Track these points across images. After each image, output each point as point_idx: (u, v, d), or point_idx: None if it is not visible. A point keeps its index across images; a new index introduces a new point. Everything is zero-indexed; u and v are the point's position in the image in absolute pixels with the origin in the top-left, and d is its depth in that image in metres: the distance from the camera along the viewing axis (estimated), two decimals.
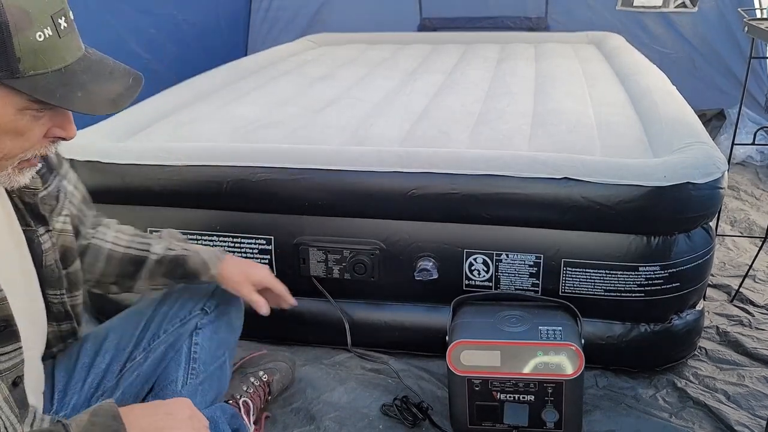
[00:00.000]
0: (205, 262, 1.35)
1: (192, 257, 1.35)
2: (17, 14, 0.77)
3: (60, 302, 1.15)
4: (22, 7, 0.77)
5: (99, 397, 1.24)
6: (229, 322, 1.41)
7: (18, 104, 0.82)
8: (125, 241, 1.32)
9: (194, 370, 1.32)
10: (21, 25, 0.77)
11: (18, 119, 0.83)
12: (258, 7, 4.20)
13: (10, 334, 0.99)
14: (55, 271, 1.11)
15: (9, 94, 0.80)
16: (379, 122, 2.00)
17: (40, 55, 0.80)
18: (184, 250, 1.36)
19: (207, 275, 1.36)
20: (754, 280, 2.08)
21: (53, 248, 1.10)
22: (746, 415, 1.47)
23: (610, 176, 1.47)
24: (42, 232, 1.08)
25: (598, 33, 3.54)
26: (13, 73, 0.78)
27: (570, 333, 1.37)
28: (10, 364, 1.00)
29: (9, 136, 0.84)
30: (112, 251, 1.30)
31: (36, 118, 0.85)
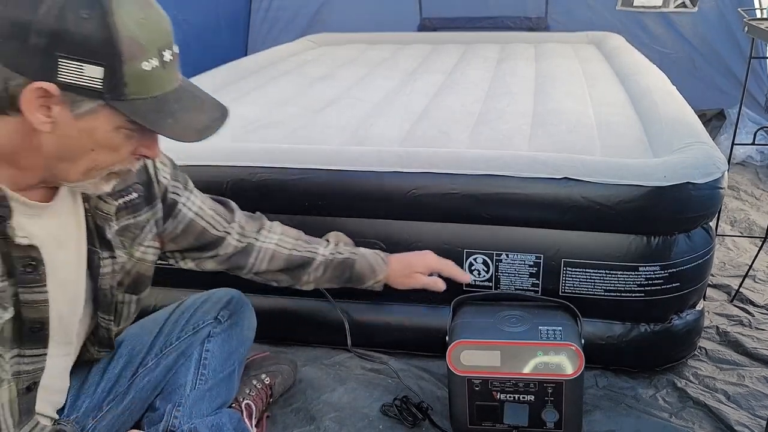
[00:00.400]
0: (372, 267, 1.44)
1: (359, 261, 1.42)
2: (131, 45, 0.85)
3: (107, 328, 1.18)
4: (136, 39, 0.85)
5: (110, 402, 1.26)
6: (240, 333, 1.43)
7: (116, 123, 0.89)
8: (290, 244, 1.39)
9: (203, 376, 1.33)
10: (133, 54, 0.85)
11: (113, 136, 0.91)
12: (258, 7, 4.21)
13: (41, 338, 1.02)
14: (108, 296, 1.14)
15: (111, 113, 0.88)
16: (379, 122, 2.00)
17: (144, 82, 0.87)
18: (352, 253, 1.43)
19: (373, 280, 1.45)
20: (754, 280, 2.08)
21: (113, 275, 1.13)
22: (746, 415, 1.47)
23: (610, 176, 1.47)
24: (105, 255, 1.11)
25: (598, 33, 3.54)
26: (118, 95, 0.86)
27: (570, 333, 1.37)
28: (32, 368, 1.02)
29: (104, 150, 0.92)
30: (276, 252, 1.38)
31: (128, 136, 0.92)
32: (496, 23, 3.94)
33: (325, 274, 1.41)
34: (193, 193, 1.29)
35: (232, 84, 2.63)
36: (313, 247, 1.40)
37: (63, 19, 0.81)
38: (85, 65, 0.83)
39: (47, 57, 0.82)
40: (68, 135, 0.88)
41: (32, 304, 0.97)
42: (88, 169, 0.94)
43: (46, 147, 0.89)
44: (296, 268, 1.39)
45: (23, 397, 1.01)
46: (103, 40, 0.83)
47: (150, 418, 1.30)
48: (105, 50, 0.83)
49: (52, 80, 0.83)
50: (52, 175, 0.94)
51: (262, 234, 1.38)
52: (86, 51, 0.82)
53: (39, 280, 0.97)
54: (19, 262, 0.94)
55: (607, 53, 3.08)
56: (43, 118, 0.85)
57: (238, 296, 1.47)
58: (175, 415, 1.27)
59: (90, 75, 0.84)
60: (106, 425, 1.24)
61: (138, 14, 0.86)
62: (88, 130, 0.88)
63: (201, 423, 1.27)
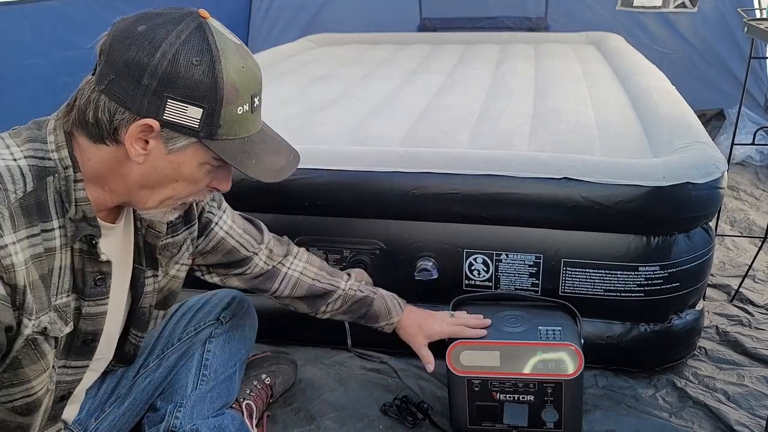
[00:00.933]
0: (388, 309, 1.45)
1: (378, 301, 1.44)
2: (231, 90, 0.92)
3: (135, 345, 1.21)
4: (236, 85, 0.92)
5: (112, 403, 1.27)
6: (242, 334, 1.44)
7: (202, 159, 0.96)
8: (313, 274, 1.42)
9: (204, 377, 1.34)
10: (231, 99, 0.92)
11: (197, 170, 0.97)
12: (258, 7, 4.21)
13: (89, 350, 1.05)
14: (145, 314, 1.17)
15: (200, 149, 0.94)
16: (379, 122, 2.00)
17: (235, 125, 0.94)
18: (372, 292, 1.45)
19: (386, 321, 1.46)
20: (754, 280, 2.08)
21: (153, 293, 1.16)
22: (746, 415, 1.47)
23: (609, 176, 1.47)
24: (149, 274, 1.14)
25: (597, 33, 3.55)
26: (211, 135, 0.93)
27: (569, 333, 1.37)
28: (71, 379, 1.05)
29: (186, 182, 0.98)
30: (300, 281, 1.40)
31: (209, 172, 0.99)
32: (496, 23, 3.95)
33: (342, 307, 1.43)
34: (226, 212, 1.31)
35: None
36: (335, 280, 1.42)
37: (176, 63, 0.88)
38: (189, 106, 0.90)
39: (156, 97, 0.88)
40: (157, 167, 0.94)
41: (92, 317, 1.01)
42: (166, 198, 0.99)
43: (133, 175, 0.95)
44: (316, 298, 1.41)
45: (56, 406, 1.05)
46: (209, 86, 0.90)
47: (151, 418, 1.31)
48: (209, 94, 0.90)
49: (156, 118, 0.89)
50: (130, 200, 0.99)
51: (288, 260, 1.40)
52: (193, 94, 0.89)
53: (105, 293, 1.01)
54: (91, 276, 0.98)
55: (606, 53, 3.08)
56: (140, 150, 0.91)
57: (239, 297, 1.47)
58: (177, 415, 1.28)
59: (191, 115, 0.90)
60: (107, 426, 1.25)
61: (239, 63, 0.93)
62: (176, 163, 0.94)
63: (203, 424, 1.27)
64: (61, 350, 1.00)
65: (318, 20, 4.14)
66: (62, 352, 1.00)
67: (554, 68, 2.75)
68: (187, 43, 0.89)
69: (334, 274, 1.44)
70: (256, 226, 1.39)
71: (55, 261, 0.92)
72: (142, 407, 1.31)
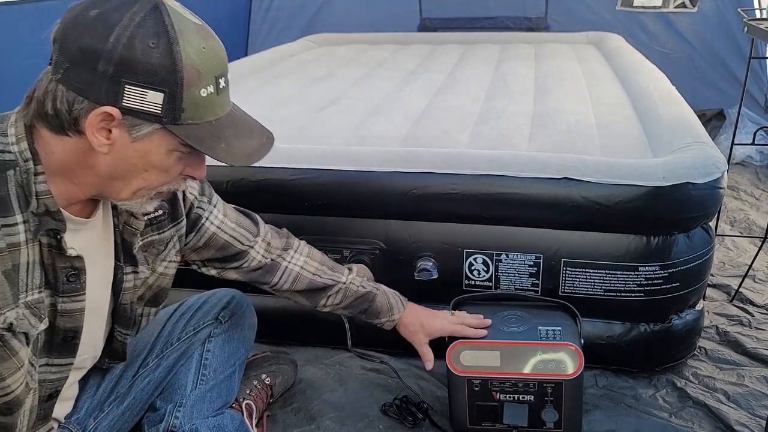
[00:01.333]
0: (390, 306, 1.44)
1: (380, 297, 1.43)
2: (192, 72, 0.89)
3: (122, 342, 1.19)
4: (197, 66, 0.89)
5: (111, 402, 1.26)
6: (241, 334, 1.44)
7: (170, 146, 0.93)
8: (313, 268, 1.40)
9: (204, 377, 1.34)
10: (192, 81, 0.89)
11: (166, 158, 0.94)
12: (258, 8, 4.21)
13: (71, 348, 1.04)
14: (128, 311, 1.15)
15: (166, 136, 0.91)
16: (379, 122, 2.00)
17: (200, 108, 0.91)
18: (375, 288, 1.44)
19: (388, 318, 1.45)
20: (754, 280, 2.08)
21: (134, 290, 1.14)
22: (746, 415, 1.47)
23: (609, 176, 1.47)
24: (128, 271, 1.12)
25: (597, 33, 3.54)
26: (175, 120, 0.90)
27: (569, 333, 1.37)
28: (56, 377, 1.04)
29: (156, 171, 0.95)
30: (300, 275, 1.39)
31: (179, 159, 0.96)
32: (496, 23, 3.95)
33: (343, 302, 1.42)
34: (217, 206, 1.29)
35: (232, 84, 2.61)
36: (336, 275, 1.41)
37: (132, 47, 0.85)
38: (149, 91, 0.87)
39: (114, 83, 0.86)
40: (123, 156, 0.91)
41: (69, 313, 0.99)
42: (139, 188, 0.96)
43: (101, 166, 0.92)
44: (316, 292, 1.41)
45: (43, 404, 1.04)
46: (167, 68, 0.87)
47: (151, 418, 1.31)
48: (168, 77, 0.87)
49: (116, 105, 0.86)
50: (103, 191, 0.97)
51: (289, 254, 1.39)
52: (151, 78, 0.86)
53: (79, 289, 0.99)
54: (63, 272, 0.96)
55: (606, 53, 3.08)
56: (103, 140, 0.89)
57: (239, 296, 1.47)
58: (176, 415, 1.28)
59: (152, 100, 0.88)
60: (107, 425, 1.25)
61: (199, 44, 0.90)
62: (143, 152, 0.92)
63: (203, 424, 1.27)
64: (42, 348, 0.99)
65: (318, 20, 4.15)
66: (43, 350, 0.99)
67: (554, 68, 2.75)
68: (143, 26, 0.86)
69: (335, 269, 1.43)
70: (252, 218, 1.37)
71: (21, 256, 0.90)
72: (141, 407, 1.31)
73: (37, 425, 1.04)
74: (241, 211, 1.37)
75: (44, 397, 1.03)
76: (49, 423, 1.08)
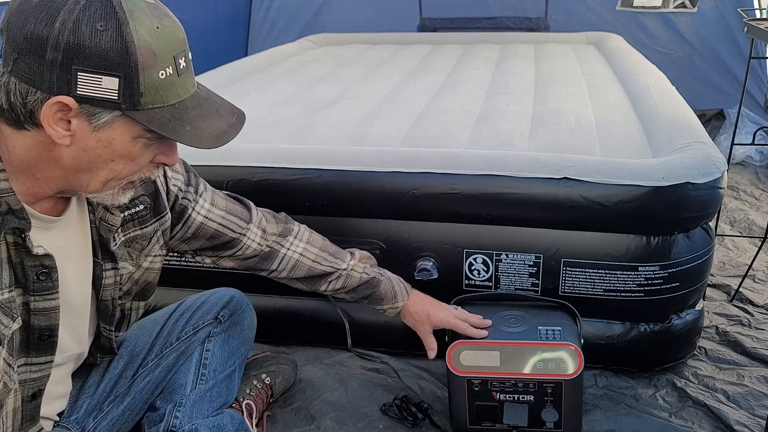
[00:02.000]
0: (395, 292, 1.43)
1: (384, 283, 1.43)
2: (146, 54, 0.85)
3: (107, 337, 1.18)
4: (151, 48, 0.85)
5: (111, 402, 1.26)
6: (241, 333, 1.43)
7: (133, 133, 0.89)
8: (313, 255, 1.39)
9: (204, 376, 1.33)
10: (148, 63, 0.85)
11: (131, 146, 0.91)
12: (258, 8, 4.21)
13: (49, 345, 1.02)
14: (110, 307, 1.14)
15: (128, 123, 0.88)
16: (379, 122, 2.00)
17: (160, 91, 0.87)
18: (379, 274, 1.43)
19: (391, 304, 1.44)
20: (754, 280, 2.08)
21: (115, 286, 1.13)
22: (746, 415, 1.47)
23: (609, 176, 1.47)
24: (108, 267, 1.11)
25: (597, 33, 3.55)
26: (134, 105, 0.86)
27: (569, 333, 1.37)
28: (38, 376, 1.03)
29: (123, 160, 0.92)
30: (299, 262, 1.38)
31: (147, 146, 0.92)
32: (496, 23, 3.95)
33: (345, 287, 1.41)
34: (203, 196, 1.27)
35: (232, 84, 2.63)
36: (337, 261, 1.40)
37: (79, 32, 0.81)
38: (103, 77, 0.83)
39: (65, 71, 0.82)
40: (87, 147, 0.88)
41: (43, 312, 0.98)
42: (107, 179, 0.93)
43: (65, 159, 0.89)
44: (316, 278, 1.40)
45: (28, 405, 1.02)
46: (119, 52, 0.83)
47: (150, 418, 1.31)
48: (121, 61, 0.83)
49: (70, 94, 0.83)
50: (70, 185, 0.94)
51: (288, 240, 1.38)
52: (103, 63, 0.83)
53: (51, 288, 0.98)
54: (33, 270, 0.94)
55: (606, 53, 3.08)
56: (62, 132, 0.86)
57: (238, 296, 1.47)
58: (176, 415, 1.28)
59: (107, 87, 0.84)
60: (106, 425, 1.24)
61: (152, 24, 0.86)
62: (106, 141, 0.88)
63: (202, 424, 1.27)
64: (19, 348, 0.97)
65: (318, 20, 4.14)
66: (20, 350, 0.97)
67: (554, 68, 2.75)
68: (88, 9, 0.82)
69: (337, 255, 1.41)
70: (244, 204, 1.35)
71: None
72: (141, 407, 1.31)
73: (25, 426, 1.03)
74: (233, 197, 1.34)
75: (27, 397, 1.02)
76: (38, 424, 1.06)
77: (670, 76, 2.41)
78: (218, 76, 2.72)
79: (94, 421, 1.23)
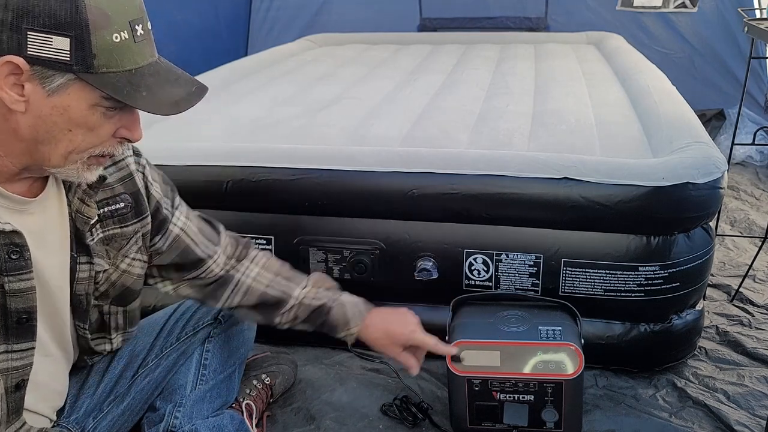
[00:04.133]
0: (347, 319, 1.33)
1: (336, 310, 1.32)
2: (98, 14, 0.85)
3: (83, 336, 1.16)
4: (102, 8, 0.85)
5: (111, 402, 1.25)
6: (240, 333, 1.43)
7: (90, 100, 0.88)
8: (267, 280, 1.32)
9: (204, 377, 1.33)
10: (100, 24, 0.85)
11: (89, 114, 0.90)
12: (258, 8, 4.21)
13: (28, 330, 1.00)
14: (83, 303, 1.12)
15: (83, 88, 0.87)
16: (379, 122, 2.00)
17: (114, 54, 0.87)
18: (331, 299, 1.33)
19: (345, 331, 1.34)
20: (754, 280, 2.08)
21: (89, 281, 1.11)
22: (746, 415, 1.47)
23: (609, 176, 1.47)
24: (82, 261, 1.09)
25: (597, 33, 3.55)
26: (88, 67, 0.85)
27: (569, 333, 1.37)
28: (20, 364, 1.01)
29: (81, 130, 0.91)
30: (251, 287, 1.31)
31: (106, 116, 0.91)
32: (496, 23, 3.95)
33: (299, 317, 1.33)
34: (178, 209, 1.26)
35: (232, 84, 2.63)
36: (290, 287, 1.33)
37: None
38: (54, 37, 0.83)
39: (15, 31, 0.82)
40: (43, 114, 0.88)
41: (19, 293, 0.96)
42: (67, 151, 0.92)
43: (23, 129, 0.89)
44: (269, 307, 1.32)
45: (12, 395, 1.01)
46: (69, 11, 0.83)
47: (150, 418, 1.30)
48: (71, 20, 0.83)
49: (20, 54, 0.83)
50: (34, 160, 0.93)
51: (243, 265, 1.33)
52: (54, 22, 0.83)
53: (25, 267, 0.96)
54: (3, 249, 0.93)
55: (606, 53, 3.09)
56: (16, 96, 0.85)
57: None
58: (176, 415, 1.28)
59: (58, 47, 0.84)
60: (106, 425, 1.24)
61: None
62: (62, 107, 0.88)
63: (202, 424, 1.27)
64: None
65: (318, 20, 4.15)
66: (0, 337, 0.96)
67: (554, 68, 2.75)
68: None
69: (292, 280, 1.34)
70: (214, 228, 1.32)
71: None
72: (141, 407, 1.31)
73: (11, 418, 1.01)
74: (204, 218, 1.32)
75: (11, 387, 1.00)
76: (21, 417, 1.04)
77: (670, 76, 2.41)
78: (218, 76, 2.72)
79: (94, 421, 1.23)
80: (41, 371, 1.05)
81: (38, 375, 1.04)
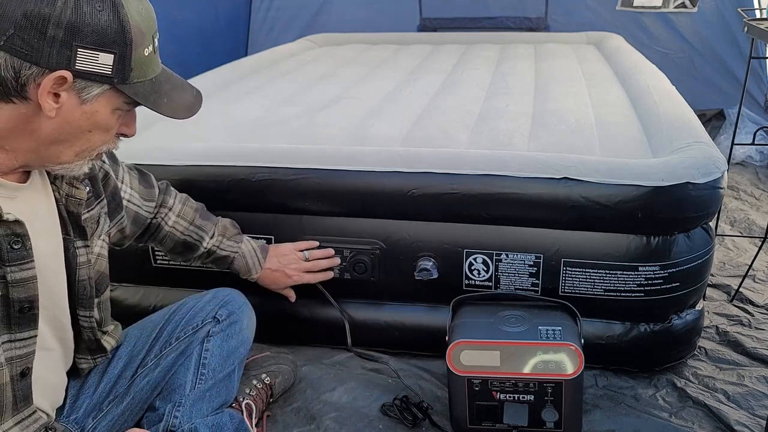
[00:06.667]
0: (248, 268, 1.57)
1: (237, 260, 1.56)
2: (137, 32, 0.94)
3: (90, 328, 1.17)
4: (140, 27, 0.95)
5: (110, 402, 1.26)
6: (240, 332, 1.43)
7: (115, 104, 0.97)
8: (182, 227, 1.50)
9: (203, 376, 1.33)
10: (138, 41, 0.95)
11: (110, 117, 0.99)
12: (258, 8, 4.21)
13: (30, 318, 1.01)
14: (88, 289, 1.14)
15: (114, 95, 0.96)
16: (379, 122, 2.00)
17: (144, 66, 0.97)
18: (233, 252, 1.55)
19: (247, 276, 1.59)
20: (754, 280, 2.08)
21: (89, 265, 1.14)
22: (746, 415, 1.47)
23: (609, 176, 1.47)
24: (80, 244, 1.12)
25: (597, 33, 3.55)
26: (124, 79, 0.95)
27: (569, 333, 1.37)
28: (24, 352, 1.02)
29: (100, 131, 0.99)
30: (170, 233, 1.49)
31: (120, 117, 1.00)
32: (496, 23, 3.95)
33: (208, 262, 1.56)
34: (123, 180, 1.34)
35: (232, 84, 2.63)
36: (201, 236, 1.52)
37: (80, 11, 0.88)
38: (100, 53, 0.91)
39: (65, 47, 0.89)
40: (70, 119, 0.94)
41: (21, 282, 0.98)
42: (82, 150, 0.99)
43: (44, 131, 0.94)
44: (182, 252, 1.52)
45: (18, 383, 1.01)
46: (116, 31, 0.91)
47: (150, 418, 1.30)
48: (118, 39, 0.92)
49: (69, 68, 0.89)
50: (40, 158, 0.98)
51: (162, 212, 1.47)
52: (102, 41, 0.91)
53: (27, 256, 0.98)
54: (6, 240, 0.95)
55: (606, 53, 3.08)
56: (53, 104, 0.91)
57: (237, 296, 1.47)
58: (175, 414, 1.28)
59: (103, 62, 0.92)
60: (106, 425, 1.24)
61: (138, 5, 0.95)
62: (90, 113, 0.95)
63: (201, 423, 1.27)
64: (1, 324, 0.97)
65: (318, 20, 4.14)
66: (2, 326, 0.97)
67: (554, 68, 2.75)
68: None
69: (202, 228, 1.52)
70: (148, 182, 1.44)
71: None
72: (140, 407, 1.31)
73: (19, 406, 1.01)
74: (137, 173, 1.42)
75: (16, 375, 1.01)
76: (32, 405, 1.04)
77: (670, 76, 2.41)
78: (218, 76, 2.72)
79: (93, 421, 1.23)
80: (40, 366, 1.05)
81: (37, 370, 1.04)
